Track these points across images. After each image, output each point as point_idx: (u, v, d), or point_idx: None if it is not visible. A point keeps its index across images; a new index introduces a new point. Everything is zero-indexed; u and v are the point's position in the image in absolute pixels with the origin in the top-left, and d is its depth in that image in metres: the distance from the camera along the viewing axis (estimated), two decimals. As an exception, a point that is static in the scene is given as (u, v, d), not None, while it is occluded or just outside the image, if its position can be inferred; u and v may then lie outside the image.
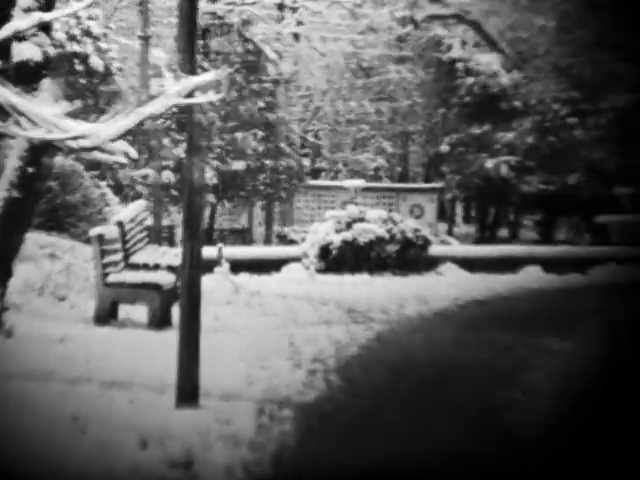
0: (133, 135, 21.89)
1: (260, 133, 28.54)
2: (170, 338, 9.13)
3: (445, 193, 36.34)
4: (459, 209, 45.66)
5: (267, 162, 28.98)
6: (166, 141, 25.76)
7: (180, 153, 23.63)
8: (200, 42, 24.96)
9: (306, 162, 33.53)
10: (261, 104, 28.63)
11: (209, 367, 8.23)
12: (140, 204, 15.83)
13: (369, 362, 10.92)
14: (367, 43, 36.58)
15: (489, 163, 32.32)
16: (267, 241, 30.38)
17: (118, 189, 24.32)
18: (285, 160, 29.65)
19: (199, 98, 7.32)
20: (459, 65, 33.87)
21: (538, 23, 36.07)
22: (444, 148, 34.87)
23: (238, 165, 27.63)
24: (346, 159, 40.01)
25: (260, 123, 28.78)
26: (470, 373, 10.12)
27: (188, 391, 7.82)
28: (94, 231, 13.01)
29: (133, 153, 8.04)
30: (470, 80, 33.38)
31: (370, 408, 8.62)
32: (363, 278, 21.09)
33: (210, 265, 17.41)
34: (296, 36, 32.20)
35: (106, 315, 12.57)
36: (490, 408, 8.37)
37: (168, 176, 25.51)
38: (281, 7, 29.99)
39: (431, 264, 23.29)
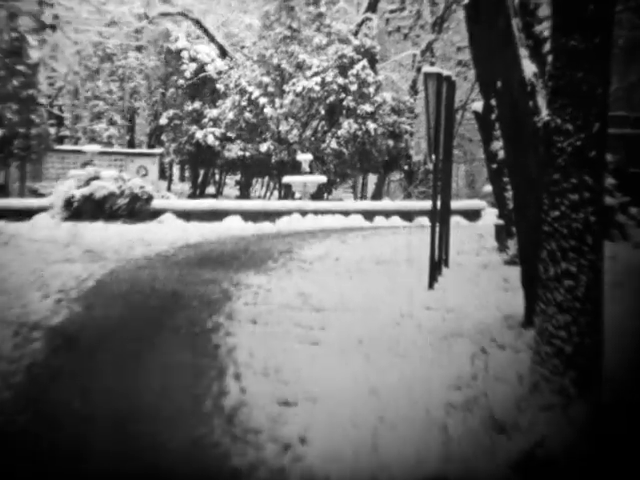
0: None
1: (14, 106, 27.60)
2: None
3: (164, 157, 36.23)
4: (176, 170, 45.69)
5: (21, 130, 28.19)
6: None
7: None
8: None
9: (52, 130, 32.37)
10: (15, 83, 27.57)
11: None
12: None
13: (104, 293, 10.74)
14: (110, 34, 36.01)
15: (199, 133, 32.50)
16: (21, 195, 29.18)
17: None
18: (35, 129, 28.69)
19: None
20: (184, 53, 33.78)
21: (245, 21, 36.67)
22: (163, 121, 34.68)
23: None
24: (85, 128, 38.94)
25: (14, 98, 27.72)
26: (187, 302, 10.10)
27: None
28: None
29: None
30: (192, 66, 33.42)
31: (106, 328, 8.51)
32: (99, 225, 20.58)
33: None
34: (53, 27, 31.07)
35: None
36: (203, 330, 8.43)
37: None
38: (40, 3, 28.83)
39: (154, 215, 23.12)
